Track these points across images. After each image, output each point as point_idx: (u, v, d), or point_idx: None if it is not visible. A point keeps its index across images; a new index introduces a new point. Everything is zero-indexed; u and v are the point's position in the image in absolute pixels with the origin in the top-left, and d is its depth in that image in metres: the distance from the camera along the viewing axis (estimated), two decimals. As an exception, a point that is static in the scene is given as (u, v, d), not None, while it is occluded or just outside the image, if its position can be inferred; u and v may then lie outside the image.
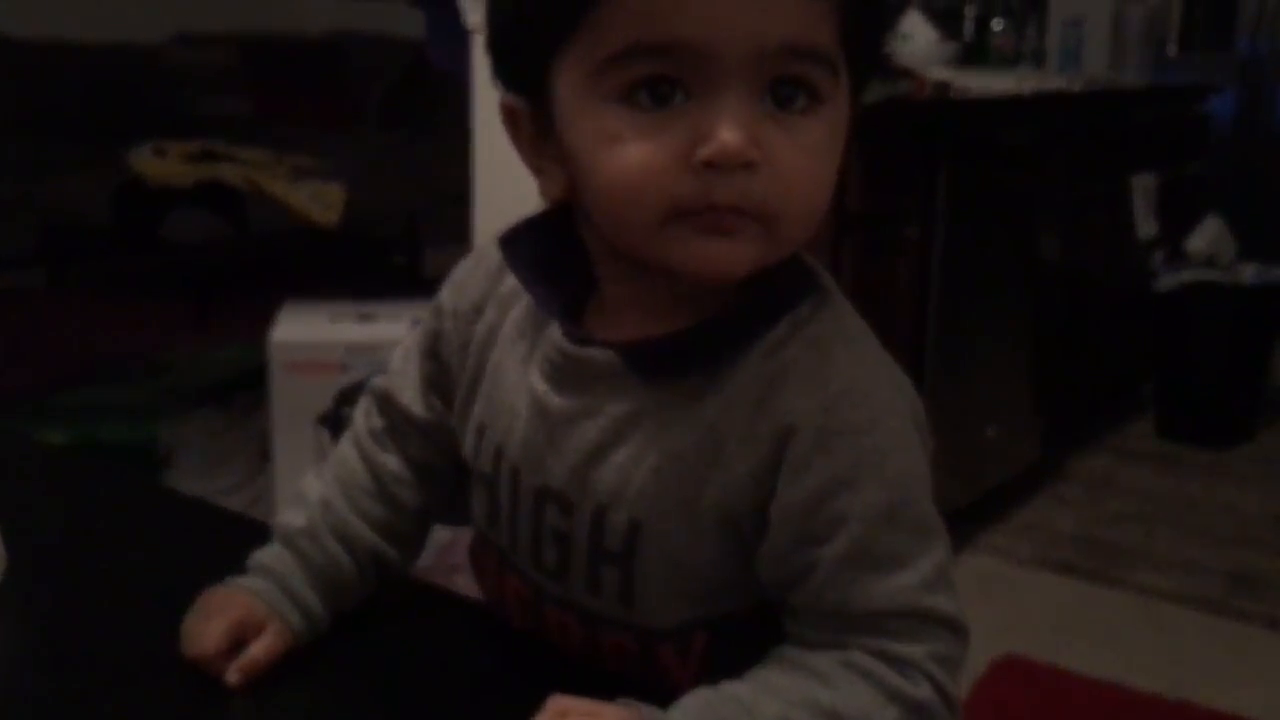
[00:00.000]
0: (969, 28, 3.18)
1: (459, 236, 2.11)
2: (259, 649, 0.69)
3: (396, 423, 0.77)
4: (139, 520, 0.94)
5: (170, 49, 5.02)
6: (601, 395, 0.64)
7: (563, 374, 0.66)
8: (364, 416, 0.78)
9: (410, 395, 0.76)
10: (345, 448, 0.79)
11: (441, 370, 0.75)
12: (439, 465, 0.77)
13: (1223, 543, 2.56)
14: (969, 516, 2.55)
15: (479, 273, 0.73)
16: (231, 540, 0.78)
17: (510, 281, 0.70)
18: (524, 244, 0.68)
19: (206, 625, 0.69)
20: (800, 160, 0.59)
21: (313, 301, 2.38)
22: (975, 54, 3.11)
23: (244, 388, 2.62)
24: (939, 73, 2.69)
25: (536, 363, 0.67)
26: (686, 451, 0.63)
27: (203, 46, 5.07)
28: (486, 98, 2.10)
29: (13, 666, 0.73)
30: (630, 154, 0.58)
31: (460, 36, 2.07)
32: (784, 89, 0.59)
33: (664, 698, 0.61)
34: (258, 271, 4.31)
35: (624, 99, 0.58)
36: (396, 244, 4.49)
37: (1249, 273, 3.06)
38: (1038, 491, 2.79)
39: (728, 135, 0.57)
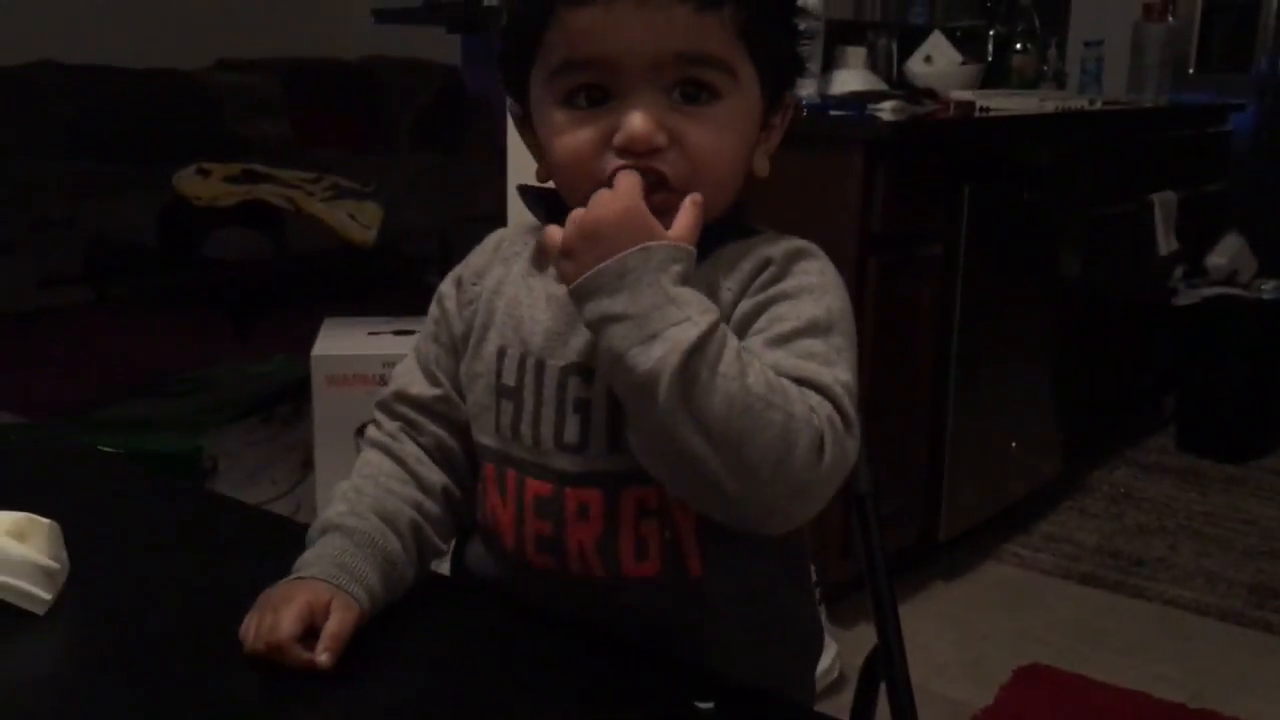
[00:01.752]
0: (990, 50, 3.21)
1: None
2: (335, 624, 0.72)
3: (408, 417, 0.87)
4: (194, 526, 0.97)
5: (212, 74, 5.13)
6: None
7: None
8: (375, 430, 0.88)
9: (419, 383, 0.87)
10: (365, 453, 0.87)
11: (443, 351, 0.87)
12: (450, 445, 0.86)
13: (1244, 554, 2.57)
14: (992, 528, 2.58)
15: (479, 252, 0.90)
16: (282, 543, 0.82)
17: (507, 248, 0.88)
18: (531, 194, 0.85)
19: (276, 615, 0.71)
20: (705, 139, 0.76)
21: (351, 317, 2.44)
22: (997, 75, 3.14)
23: (285, 400, 2.68)
24: (962, 94, 2.73)
25: (551, 276, 0.81)
26: None
27: (244, 72, 5.18)
28: (521, 120, 2.16)
29: (79, 668, 0.75)
30: (566, 141, 0.77)
31: (493, 60, 2.13)
32: (687, 88, 0.76)
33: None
34: (298, 288, 4.39)
35: (566, 102, 0.77)
36: (431, 261, 4.56)
37: (1269, 288, 3.08)
38: (1060, 504, 2.81)
39: (636, 123, 0.74)
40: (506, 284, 0.85)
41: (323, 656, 0.70)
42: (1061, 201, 2.61)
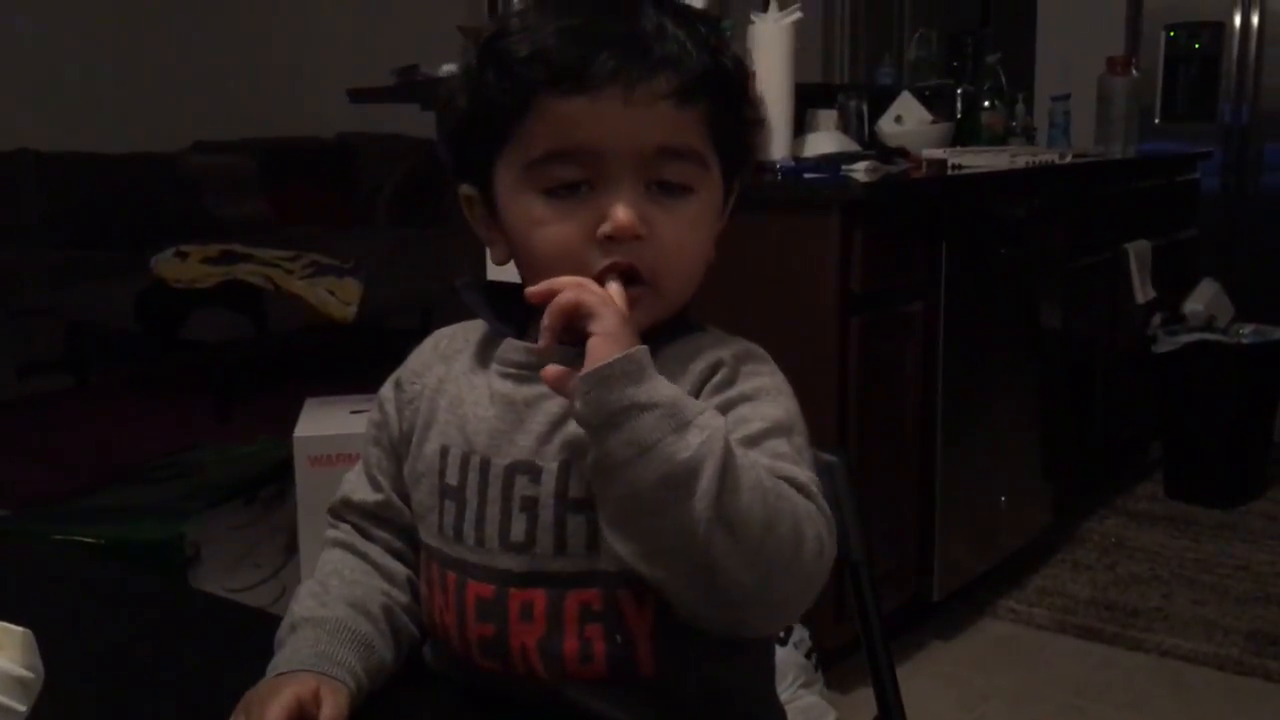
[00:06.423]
0: (959, 108, 3.25)
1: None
2: (330, 710, 0.70)
3: (357, 524, 0.87)
4: (172, 625, 0.94)
5: (189, 156, 5.16)
6: None
7: (527, 369, 0.79)
8: (333, 531, 0.88)
9: (362, 489, 0.87)
10: (326, 553, 0.86)
11: (384, 454, 0.87)
12: (400, 548, 0.86)
13: (1239, 601, 2.56)
14: (985, 584, 2.57)
15: (418, 353, 0.89)
16: (265, 639, 0.79)
17: (444, 347, 0.87)
18: (473, 290, 0.86)
19: (266, 711, 0.69)
20: (678, 233, 0.78)
21: (333, 396, 2.43)
22: (967, 133, 3.19)
23: (269, 482, 2.65)
24: (933, 152, 2.76)
25: (494, 374, 0.82)
26: None
27: (220, 153, 5.21)
28: (498, 194, 2.17)
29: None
30: (551, 234, 0.77)
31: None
32: (663, 183, 0.78)
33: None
34: (280, 367, 4.38)
35: (546, 191, 0.77)
36: (413, 335, 4.55)
37: (1247, 333, 3.11)
38: (1052, 556, 2.80)
39: (621, 214, 0.75)
40: (448, 382, 0.84)
41: None
42: (1038, 255, 2.63)
